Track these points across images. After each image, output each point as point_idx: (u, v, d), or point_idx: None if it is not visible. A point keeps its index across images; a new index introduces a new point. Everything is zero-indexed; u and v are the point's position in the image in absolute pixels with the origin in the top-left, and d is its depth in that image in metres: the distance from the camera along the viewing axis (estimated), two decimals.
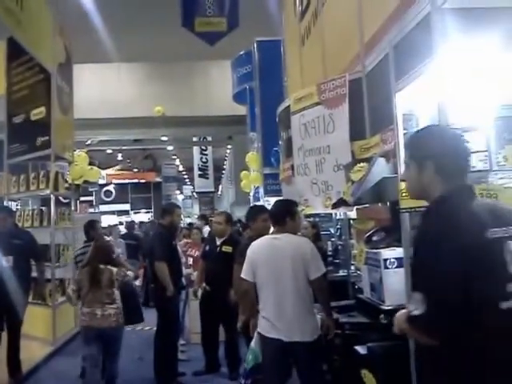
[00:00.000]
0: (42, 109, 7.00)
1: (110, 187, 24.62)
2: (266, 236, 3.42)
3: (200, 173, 24.21)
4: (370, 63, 3.43)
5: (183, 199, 29.89)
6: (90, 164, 8.19)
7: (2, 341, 4.95)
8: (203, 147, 23.30)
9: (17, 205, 8.28)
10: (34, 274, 5.53)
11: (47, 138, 6.83)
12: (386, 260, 3.11)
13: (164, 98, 13.71)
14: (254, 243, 3.35)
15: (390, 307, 2.99)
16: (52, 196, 6.65)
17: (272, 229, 3.52)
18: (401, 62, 2.72)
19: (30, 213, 7.09)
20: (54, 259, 6.51)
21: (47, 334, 6.32)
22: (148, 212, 25.63)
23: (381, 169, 3.13)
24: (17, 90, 7.55)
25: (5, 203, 7.49)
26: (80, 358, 4.65)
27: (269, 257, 3.22)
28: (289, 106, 4.40)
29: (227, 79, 11.19)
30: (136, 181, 27.62)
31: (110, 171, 24.77)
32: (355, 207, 3.62)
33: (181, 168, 26.24)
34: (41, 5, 6.42)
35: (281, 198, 4.82)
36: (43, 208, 7.11)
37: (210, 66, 14.63)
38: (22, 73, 7.42)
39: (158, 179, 27.75)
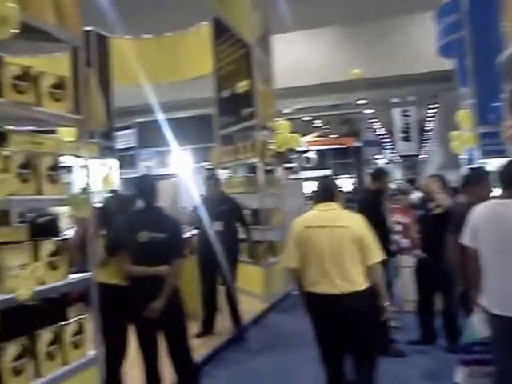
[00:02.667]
0: (246, 82, 7.56)
1: (310, 153, 25.33)
2: (492, 201, 3.09)
3: (402, 135, 23.29)
4: None
5: (385, 163, 29.22)
6: (291, 132, 8.58)
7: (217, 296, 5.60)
8: (405, 108, 22.27)
9: (227, 173, 9.17)
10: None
11: (252, 109, 7.36)
12: None
13: (361, 60, 13.45)
14: (478, 208, 3.06)
15: None
16: (259, 164, 7.17)
17: (496, 193, 3.18)
18: None
19: (241, 180, 7.79)
20: (264, 222, 7.05)
21: (261, 291, 6.94)
22: (350, 177, 25.70)
23: None
24: (223, 67, 8.30)
25: (216, 172, 8.42)
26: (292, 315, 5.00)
27: (494, 224, 2.91)
28: None
29: (430, 32, 10.40)
30: (335, 146, 27.86)
31: (308, 138, 25.51)
32: None
33: (380, 131, 25.61)
34: None
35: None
36: (251, 175, 7.72)
37: (410, 21, 13.77)
38: (227, 49, 8.11)
39: (358, 144, 27.55)
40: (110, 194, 4.25)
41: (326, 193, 3.40)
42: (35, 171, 2.76)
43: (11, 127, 3.94)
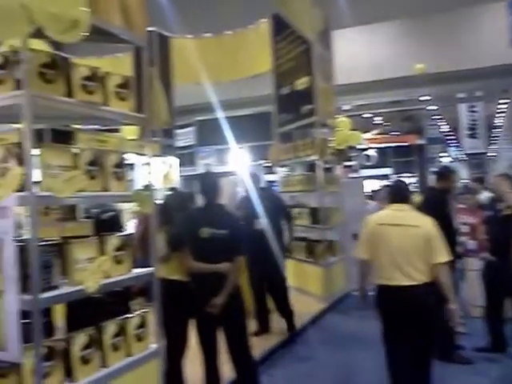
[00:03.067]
0: (306, 78, 7.51)
1: (370, 151, 24.84)
2: None
3: (468, 132, 22.29)
4: None
5: (450, 162, 28.13)
6: (351, 129, 8.45)
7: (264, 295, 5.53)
8: (471, 104, 21.31)
9: (286, 171, 9.16)
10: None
11: (312, 106, 7.30)
12: None
13: (424, 55, 12.99)
14: None
15: None
16: (318, 161, 7.11)
17: None
18: None
19: (299, 178, 7.75)
20: (323, 222, 6.99)
21: (320, 291, 6.88)
22: (412, 176, 24.94)
23: None
24: (282, 64, 8.29)
25: (276, 169, 8.44)
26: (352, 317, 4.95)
27: None
28: None
29: (501, 24, 9.93)
30: (396, 144, 27.11)
31: (369, 135, 24.99)
32: None
33: (445, 128, 24.66)
34: None
35: None
36: (310, 173, 7.66)
37: (479, 11, 13.15)
38: (286, 46, 8.09)
39: (420, 141, 26.66)
40: (170, 192, 4.37)
41: (400, 195, 3.69)
42: (102, 168, 2.87)
43: (78, 126, 4.14)
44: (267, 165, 13.12)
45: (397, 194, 3.71)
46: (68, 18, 2.33)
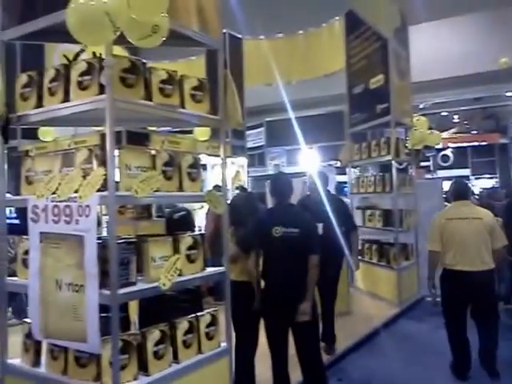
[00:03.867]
0: (380, 76, 7.33)
1: (448, 151, 23.85)
2: None
3: None
4: None
5: None
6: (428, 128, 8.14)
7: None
8: None
9: (357, 171, 8.99)
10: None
11: (386, 104, 7.13)
12: None
13: (508, 49, 12.28)
14: None
15: None
16: (393, 162, 6.92)
17: None
18: None
19: (372, 179, 7.58)
20: (397, 224, 6.80)
21: (392, 295, 6.71)
22: (492, 178, 23.65)
23: None
24: (355, 62, 8.15)
25: (347, 170, 8.31)
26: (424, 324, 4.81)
27: None
28: None
29: None
30: (476, 143, 25.80)
31: (446, 134, 23.97)
32: None
33: None
34: None
35: None
36: (383, 174, 7.47)
37: None
38: (360, 44, 7.95)
39: (503, 140, 25.19)
40: (239, 192, 4.43)
41: (462, 193, 4.39)
42: (178, 169, 2.97)
43: (153, 128, 4.30)
44: (338, 165, 12.97)
45: (460, 192, 4.38)
46: (149, 23, 2.44)
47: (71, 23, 2.33)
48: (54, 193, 2.71)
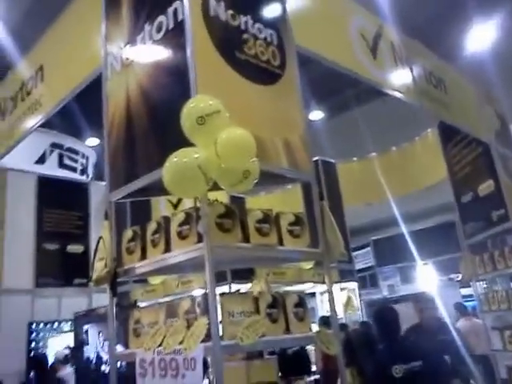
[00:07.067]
0: (490, 182, 6.98)
1: None
2: None
3: None
4: None
5: None
6: None
7: None
8: None
9: (484, 285, 8.21)
10: None
11: (503, 211, 6.67)
12: None
13: None
14: None
15: None
16: None
17: None
18: None
19: (503, 293, 6.84)
20: None
21: None
22: None
23: None
24: (458, 170, 7.88)
25: (472, 284, 7.61)
26: None
27: None
28: None
29: None
30: None
31: None
32: None
33: None
34: (460, 80, 6.69)
35: None
36: None
37: None
38: (460, 152, 7.74)
39: None
40: (359, 326, 4.16)
41: None
42: (283, 310, 2.86)
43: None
44: (459, 279, 12.03)
45: None
46: (239, 170, 2.54)
47: (167, 180, 2.49)
48: (159, 345, 2.70)
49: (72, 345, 6.71)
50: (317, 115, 10.33)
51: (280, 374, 3.60)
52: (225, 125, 2.54)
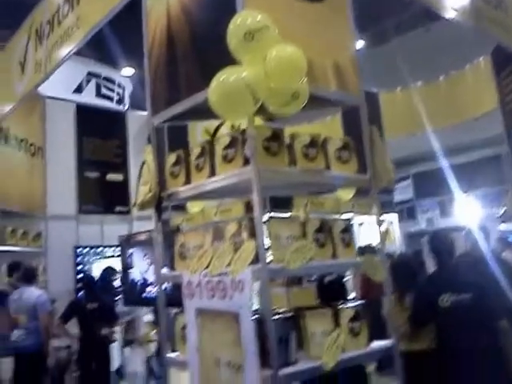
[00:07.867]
0: None
1: None
2: None
3: None
4: None
5: None
6: None
7: None
8: None
9: None
10: None
11: None
12: None
13: None
14: None
15: None
16: None
17: None
18: None
19: None
20: None
21: None
22: None
23: None
24: (510, 101, 7.50)
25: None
26: None
27: None
28: None
29: None
30: None
31: None
32: None
33: None
34: None
35: None
36: None
37: None
38: None
39: None
40: (397, 257, 4.13)
41: None
42: (330, 235, 2.84)
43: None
44: (501, 214, 11.77)
45: None
46: (288, 91, 2.43)
47: (214, 101, 2.42)
48: (206, 267, 2.74)
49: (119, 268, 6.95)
50: (358, 44, 9.87)
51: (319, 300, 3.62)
52: (274, 41, 2.41)
